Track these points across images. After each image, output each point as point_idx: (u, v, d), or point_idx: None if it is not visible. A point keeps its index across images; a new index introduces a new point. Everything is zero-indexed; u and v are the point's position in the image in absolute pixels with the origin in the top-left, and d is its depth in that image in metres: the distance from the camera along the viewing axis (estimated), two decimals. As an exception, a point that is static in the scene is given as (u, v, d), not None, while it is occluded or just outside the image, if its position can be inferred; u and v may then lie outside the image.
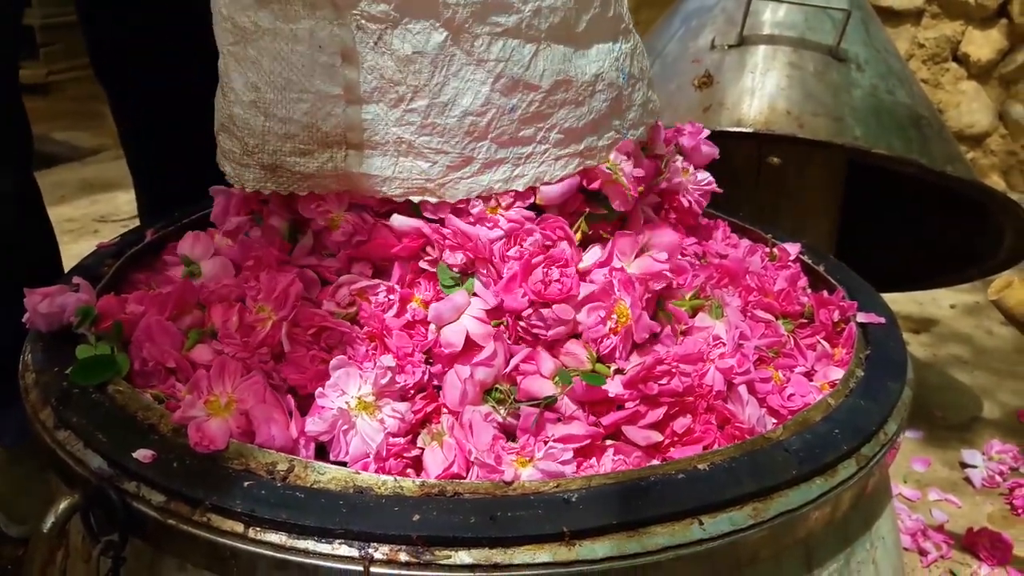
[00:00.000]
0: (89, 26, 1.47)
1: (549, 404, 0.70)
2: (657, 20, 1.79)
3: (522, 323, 0.74)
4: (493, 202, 0.78)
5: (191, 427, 0.63)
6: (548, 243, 0.77)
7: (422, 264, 0.77)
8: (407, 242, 0.77)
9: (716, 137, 1.42)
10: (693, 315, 0.81)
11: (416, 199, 0.77)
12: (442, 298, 0.75)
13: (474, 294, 0.75)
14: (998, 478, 1.63)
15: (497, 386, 0.72)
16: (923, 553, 1.44)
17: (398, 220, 0.77)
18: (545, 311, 0.73)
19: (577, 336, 0.74)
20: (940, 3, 3.23)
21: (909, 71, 1.61)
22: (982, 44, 3.21)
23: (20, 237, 1.31)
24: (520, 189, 0.78)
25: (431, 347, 0.73)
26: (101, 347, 0.74)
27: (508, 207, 0.77)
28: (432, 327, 0.73)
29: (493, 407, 0.71)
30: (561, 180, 0.79)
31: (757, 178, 1.04)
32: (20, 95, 1.32)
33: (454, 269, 0.76)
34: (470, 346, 0.72)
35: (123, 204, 2.86)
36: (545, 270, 0.74)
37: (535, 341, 0.74)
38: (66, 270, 0.86)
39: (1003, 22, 3.19)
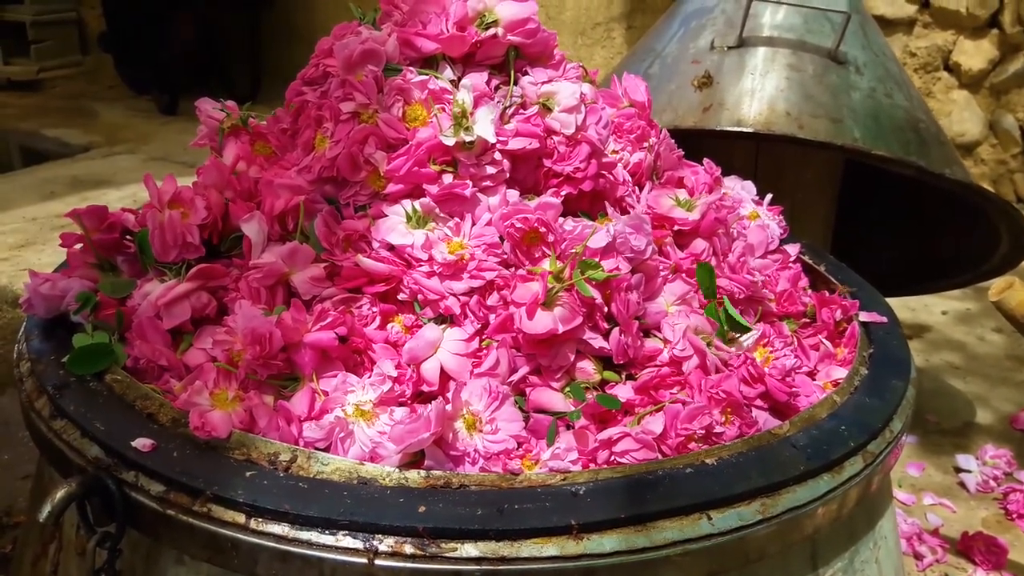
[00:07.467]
0: None
1: (562, 417, 0.69)
2: (652, 25, 1.79)
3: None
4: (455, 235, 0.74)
5: (193, 412, 0.62)
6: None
7: (400, 297, 0.74)
8: (378, 287, 0.73)
9: (715, 137, 1.43)
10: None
11: None
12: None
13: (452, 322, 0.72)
14: (992, 483, 1.64)
15: None
16: (919, 557, 1.43)
17: (366, 262, 0.73)
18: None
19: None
20: (932, 13, 3.24)
21: (906, 76, 1.61)
22: (973, 54, 3.22)
23: None
24: None
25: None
26: (99, 336, 0.72)
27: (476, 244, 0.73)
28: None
29: None
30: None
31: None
32: None
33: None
34: (446, 380, 0.69)
35: (113, 201, 2.84)
36: None
37: None
38: (55, 267, 0.85)
39: (994, 32, 3.20)
